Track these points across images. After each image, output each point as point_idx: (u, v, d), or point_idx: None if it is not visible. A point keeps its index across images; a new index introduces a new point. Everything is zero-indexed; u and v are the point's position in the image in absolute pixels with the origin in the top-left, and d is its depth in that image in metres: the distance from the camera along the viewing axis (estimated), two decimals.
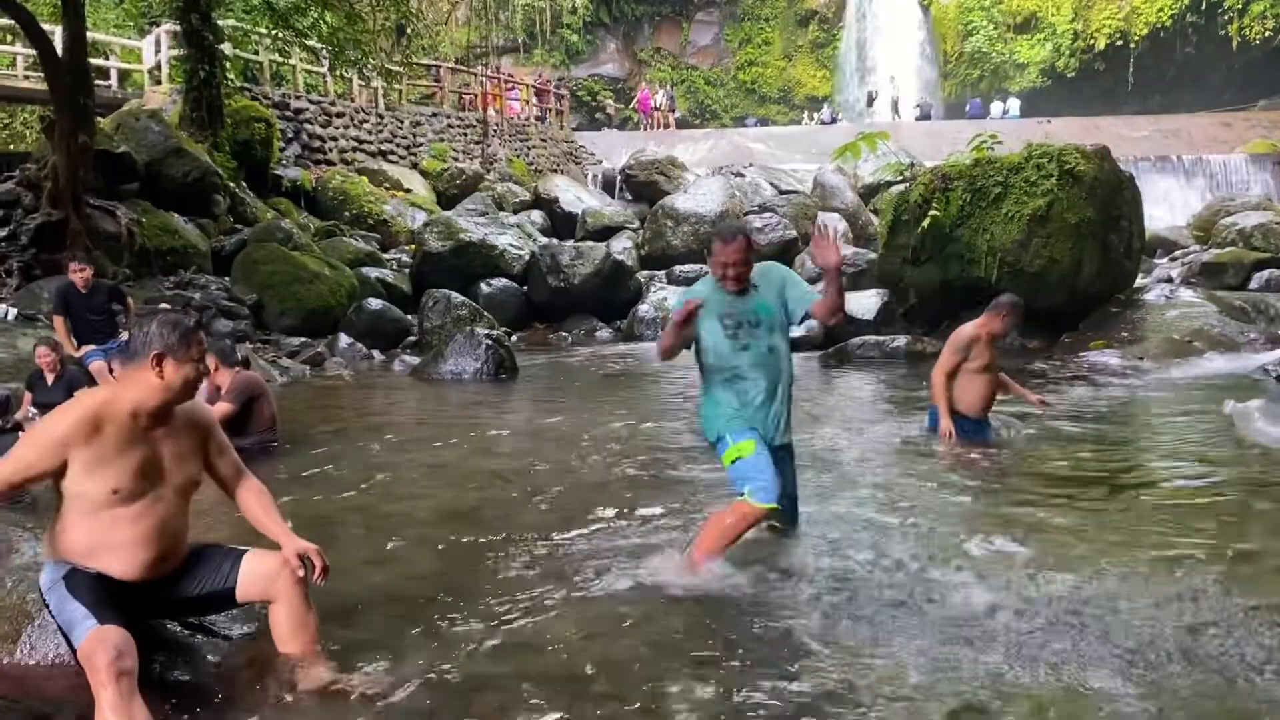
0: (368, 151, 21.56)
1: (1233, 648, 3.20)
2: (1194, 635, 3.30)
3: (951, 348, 6.34)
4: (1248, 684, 2.97)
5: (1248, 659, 3.12)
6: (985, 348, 6.30)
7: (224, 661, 3.31)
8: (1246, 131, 26.43)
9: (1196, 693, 2.92)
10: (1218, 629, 3.35)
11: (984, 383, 6.36)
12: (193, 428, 3.23)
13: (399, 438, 7.50)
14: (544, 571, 4.12)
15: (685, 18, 40.72)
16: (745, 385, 4.08)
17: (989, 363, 6.33)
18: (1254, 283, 14.42)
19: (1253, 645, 3.21)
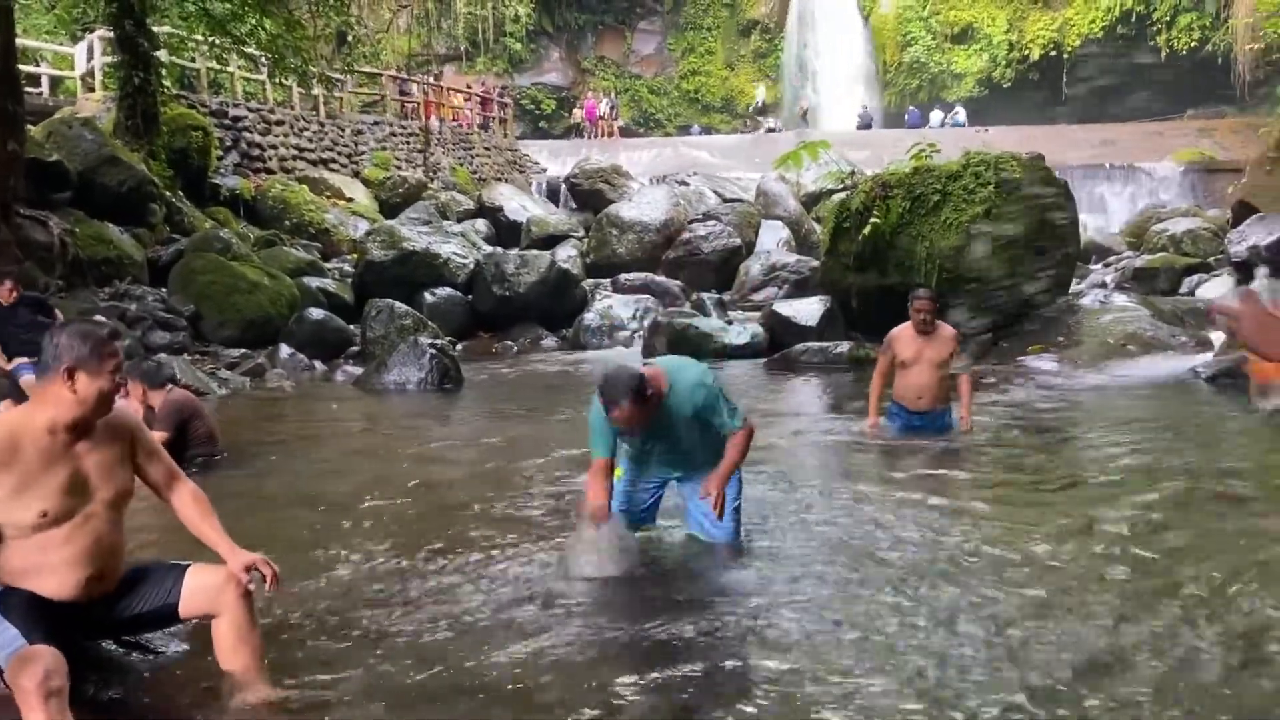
0: (308, 160, 21.31)
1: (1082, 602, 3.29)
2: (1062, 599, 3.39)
3: (881, 348, 6.85)
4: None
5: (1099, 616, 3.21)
6: (910, 344, 6.62)
7: (161, 679, 3.24)
8: (1175, 140, 27.16)
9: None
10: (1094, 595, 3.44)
11: (915, 377, 6.67)
12: (116, 436, 3.10)
13: (341, 450, 7.42)
14: (486, 582, 4.10)
15: (628, 27, 40.86)
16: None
17: (915, 358, 6.62)
18: (1184, 287, 14.83)
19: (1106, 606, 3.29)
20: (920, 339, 6.62)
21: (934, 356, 6.62)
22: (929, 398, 6.73)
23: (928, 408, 6.75)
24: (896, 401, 6.89)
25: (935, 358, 6.62)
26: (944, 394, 6.76)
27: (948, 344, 6.63)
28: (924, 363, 6.63)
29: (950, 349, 6.63)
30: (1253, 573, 3.86)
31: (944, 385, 6.73)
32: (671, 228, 19.09)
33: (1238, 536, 4.48)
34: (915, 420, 6.80)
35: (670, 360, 4.46)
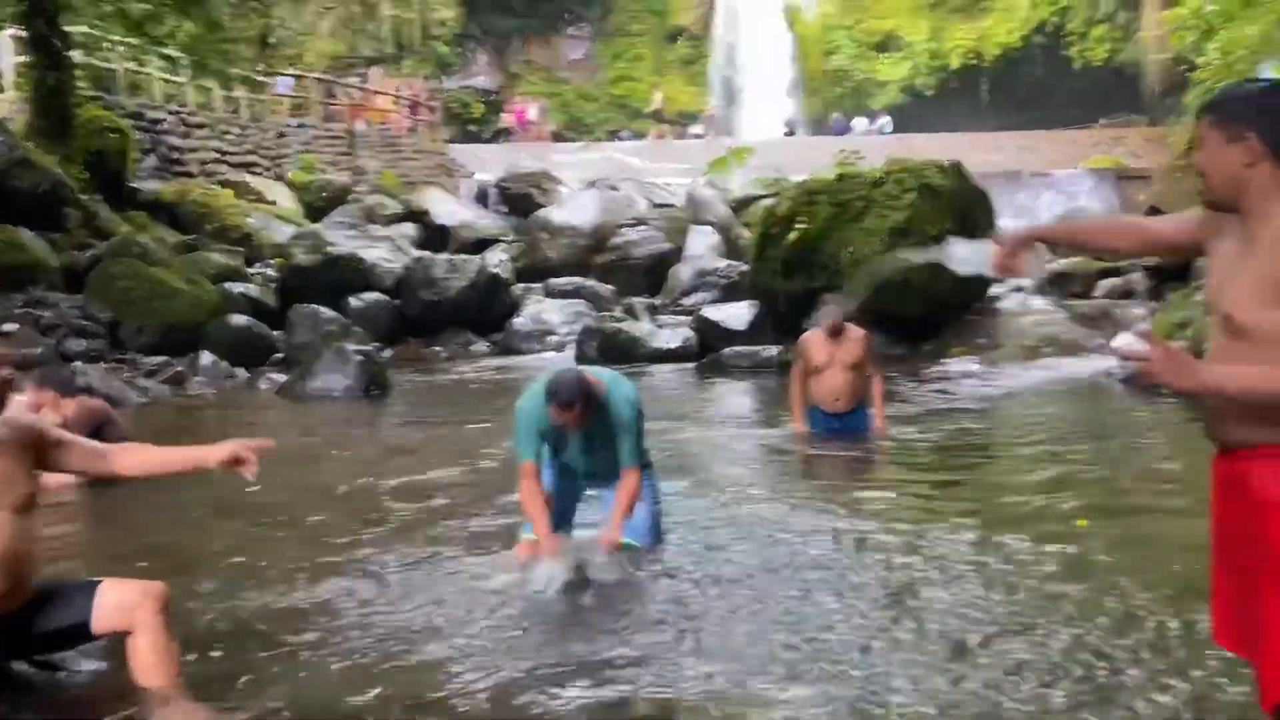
0: (230, 163, 20.87)
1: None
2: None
3: (795, 354, 7.12)
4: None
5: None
6: (820, 348, 6.80)
7: (75, 699, 3.16)
8: (1090, 148, 27.95)
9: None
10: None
11: (828, 380, 6.83)
12: (14, 440, 2.98)
13: (263, 459, 7.28)
14: (416, 595, 4.05)
15: (557, 32, 40.78)
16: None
17: (827, 362, 6.79)
18: (1099, 290, 15.26)
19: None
20: (830, 343, 6.78)
21: (845, 359, 6.78)
22: (844, 399, 6.87)
23: (844, 409, 6.89)
24: (815, 405, 7.02)
25: (846, 360, 6.78)
26: (860, 395, 6.90)
27: (857, 345, 6.79)
28: (835, 365, 6.80)
29: (861, 349, 6.79)
30: (1168, 580, 3.97)
31: (859, 386, 6.88)
32: (602, 232, 19.12)
33: (1149, 540, 4.63)
34: (833, 423, 6.94)
35: (606, 371, 4.48)
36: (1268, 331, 1.98)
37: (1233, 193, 2.09)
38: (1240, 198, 2.08)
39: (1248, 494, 2.08)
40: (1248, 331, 2.02)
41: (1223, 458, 2.17)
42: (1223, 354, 2.09)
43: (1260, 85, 2.16)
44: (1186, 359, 2.00)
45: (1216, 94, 2.26)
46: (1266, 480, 2.04)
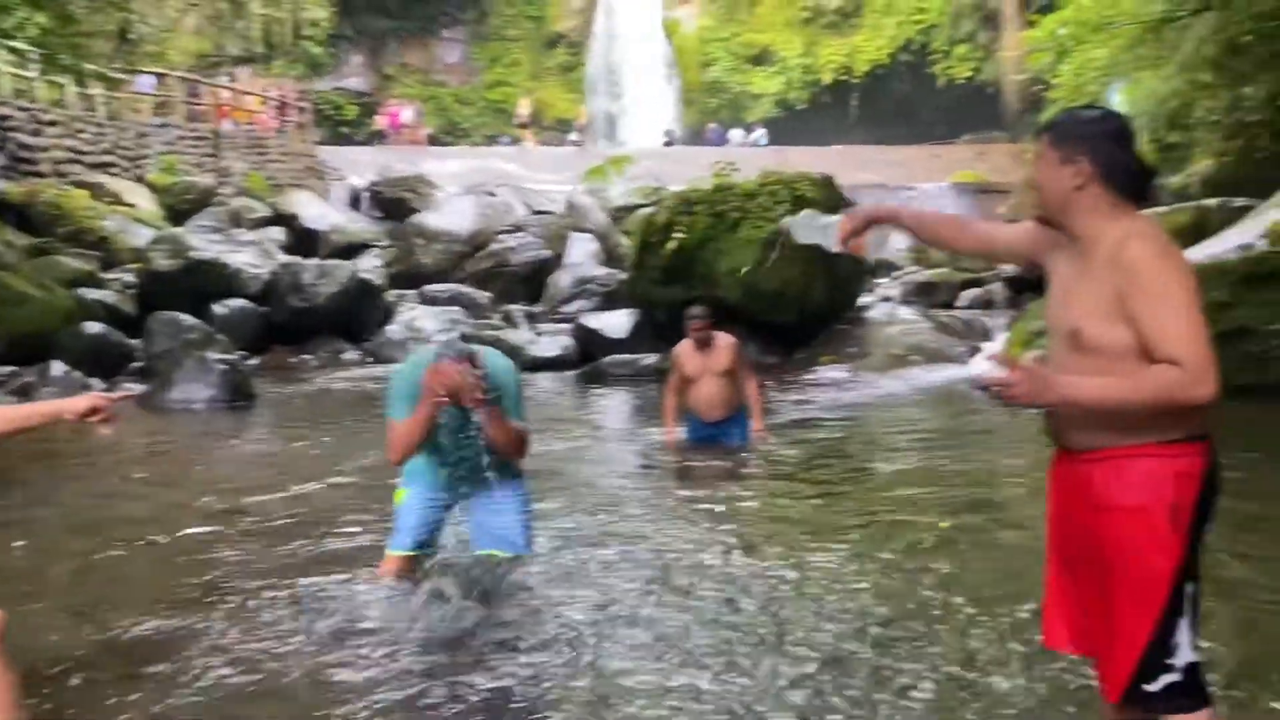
0: (86, 164, 19.88)
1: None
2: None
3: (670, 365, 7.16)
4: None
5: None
6: (691, 359, 6.87)
7: None
8: (954, 163, 29.06)
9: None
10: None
11: (701, 390, 6.90)
12: None
13: (120, 474, 6.96)
14: (273, 613, 3.92)
15: (432, 35, 40.25)
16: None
17: (699, 372, 6.86)
18: (962, 300, 15.87)
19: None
20: (700, 354, 6.85)
21: (716, 367, 6.85)
22: (719, 408, 6.94)
23: (719, 418, 6.96)
24: (693, 415, 7.09)
25: (717, 368, 6.85)
26: (734, 403, 6.97)
27: (727, 353, 6.85)
28: (707, 375, 6.87)
29: (731, 357, 6.86)
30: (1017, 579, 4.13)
31: (733, 394, 6.95)
32: (479, 238, 18.95)
33: (1005, 542, 4.82)
34: (711, 431, 7.01)
35: (480, 346, 4.33)
36: (1110, 346, 2.12)
37: (1063, 210, 2.24)
38: (1071, 216, 2.23)
39: (1090, 497, 2.20)
40: (1094, 347, 2.14)
41: (1064, 460, 2.30)
42: (1066, 364, 2.21)
43: (1096, 112, 2.30)
44: (1042, 375, 2.11)
45: (1056, 116, 2.41)
46: (1110, 483, 2.16)
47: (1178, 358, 2.02)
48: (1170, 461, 2.12)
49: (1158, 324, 2.05)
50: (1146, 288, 2.06)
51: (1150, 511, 2.12)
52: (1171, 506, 2.11)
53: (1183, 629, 2.14)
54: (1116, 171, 2.18)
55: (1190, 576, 2.15)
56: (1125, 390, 2.07)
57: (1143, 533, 2.12)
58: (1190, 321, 2.05)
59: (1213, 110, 13.88)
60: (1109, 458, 2.16)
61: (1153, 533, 2.12)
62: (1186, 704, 2.15)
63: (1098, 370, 2.12)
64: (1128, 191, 2.20)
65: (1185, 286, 2.07)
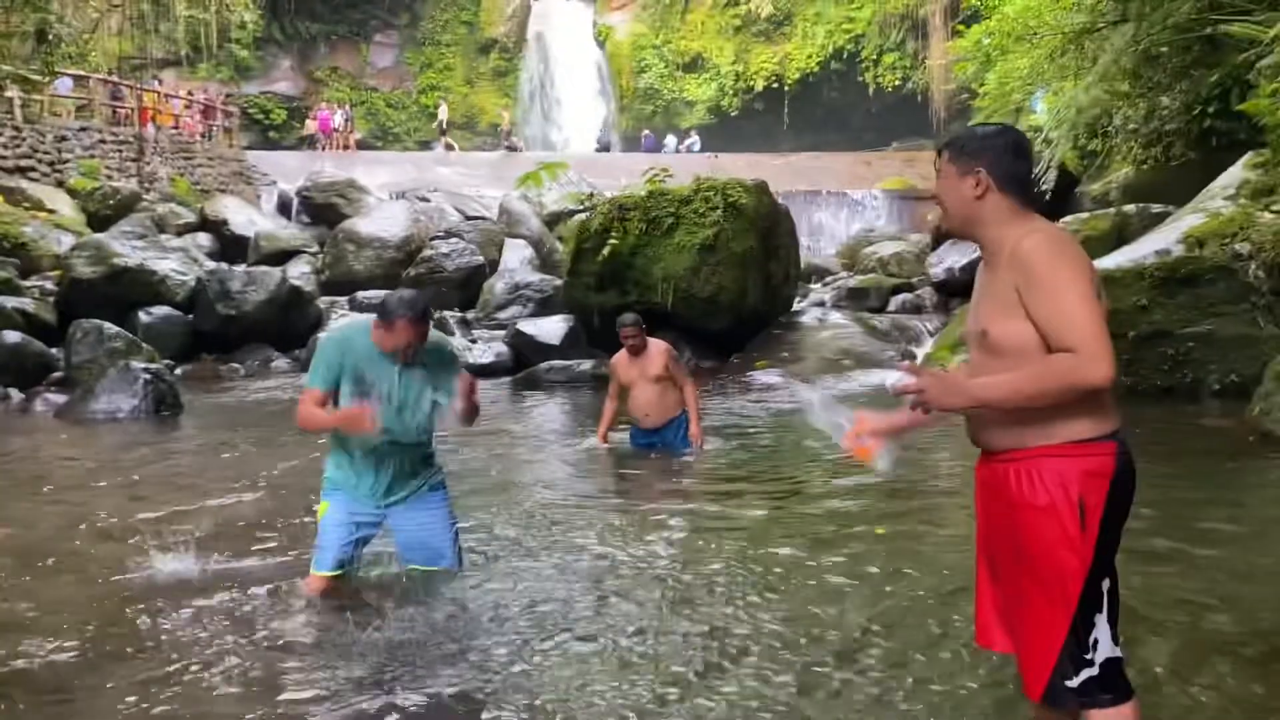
0: (4, 168, 19.30)
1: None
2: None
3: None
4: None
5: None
6: (626, 368, 6.99)
7: None
8: (884, 170, 29.54)
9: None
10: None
11: (637, 397, 7.02)
12: None
13: (38, 488, 6.75)
14: (195, 632, 3.81)
15: (363, 39, 39.80)
16: (368, 450, 3.95)
17: (634, 380, 6.97)
18: (892, 305, 16.12)
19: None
20: (634, 361, 6.95)
21: (650, 373, 6.93)
22: (655, 414, 7.03)
23: (656, 424, 7.05)
24: (633, 422, 7.15)
25: (651, 374, 6.92)
26: (670, 408, 7.04)
27: (659, 359, 6.93)
28: (642, 382, 6.96)
29: (663, 363, 6.93)
30: (950, 581, 4.21)
31: (669, 400, 7.02)
32: (412, 244, 18.75)
33: (936, 543, 4.90)
34: (650, 438, 7.11)
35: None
36: (1014, 344, 2.19)
37: (967, 222, 2.33)
38: (975, 227, 2.31)
39: (1006, 496, 2.26)
40: (1000, 347, 2.22)
41: (984, 462, 2.37)
42: (977, 367, 2.30)
43: (991, 128, 2.40)
44: (953, 380, 2.21)
45: (954, 133, 2.53)
46: (1022, 483, 2.23)
47: (1072, 344, 2.09)
48: (1079, 461, 2.18)
49: (1052, 314, 2.12)
50: (1039, 280, 2.14)
51: (1058, 510, 2.18)
52: (1079, 505, 2.17)
53: (1100, 625, 2.20)
54: (1014, 180, 2.28)
55: (1106, 574, 2.21)
56: (1026, 382, 2.13)
57: (1052, 530, 2.18)
58: (1082, 308, 2.11)
59: (1131, 119, 14.27)
60: (1021, 458, 2.22)
61: (1062, 531, 2.17)
62: (1107, 699, 2.21)
63: (1007, 369, 2.18)
64: (1026, 199, 2.29)
65: (1077, 277, 2.14)
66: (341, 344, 3.88)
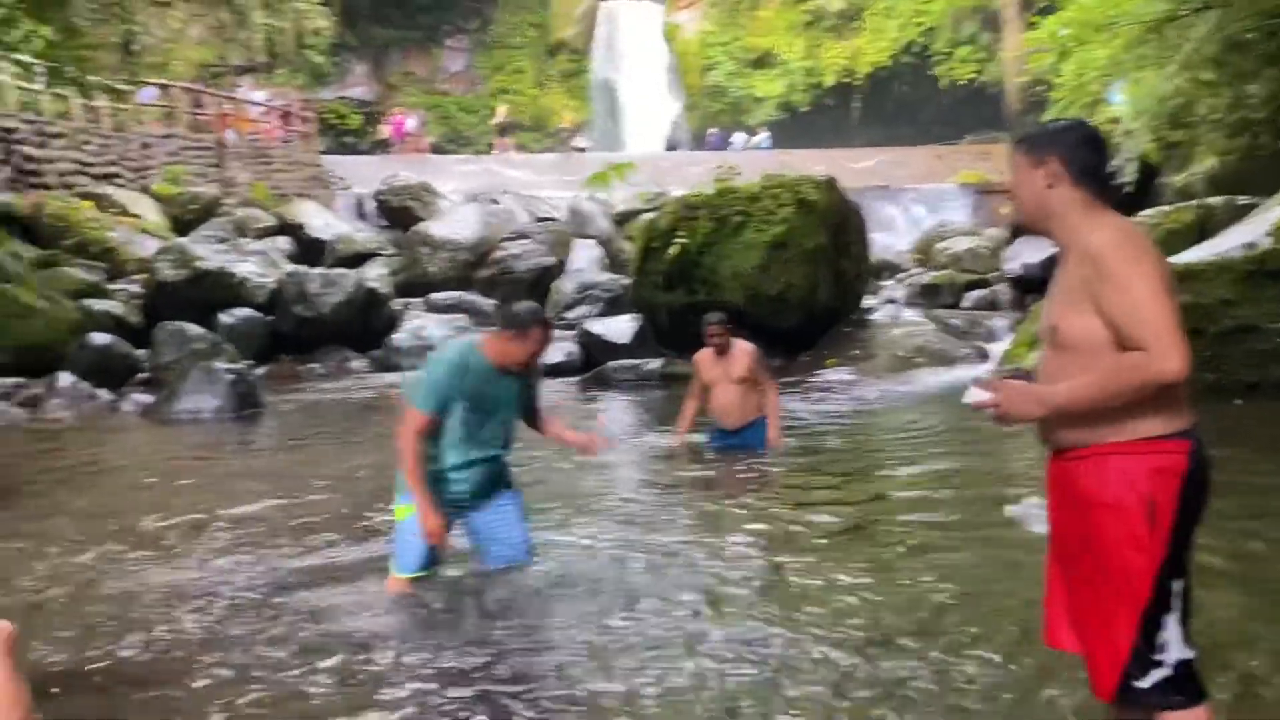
0: (92, 175, 19.97)
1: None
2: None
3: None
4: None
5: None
6: (710, 366, 6.88)
7: None
8: (956, 164, 29.03)
9: None
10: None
11: (720, 397, 6.93)
12: None
13: (127, 485, 6.99)
14: (280, 626, 3.92)
15: (435, 43, 40.35)
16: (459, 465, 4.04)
17: (717, 379, 6.89)
18: (966, 302, 15.86)
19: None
20: (719, 360, 6.88)
21: (733, 374, 6.86)
22: (736, 415, 6.95)
23: (737, 425, 6.97)
24: (713, 421, 7.11)
25: (735, 375, 6.86)
26: (751, 409, 6.96)
27: (744, 359, 6.86)
28: (725, 382, 6.89)
29: (748, 363, 6.86)
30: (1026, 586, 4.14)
31: (751, 401, 6.95)
32: (484, 246, 18.98)
33: (1011, 544, 4.82)
34: (730, 438, 7.03)
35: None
36: (1085, 340, 2.17)
37: (1040, 215, 2.31)
38: (1048, 220, 2.30)
39: (1074, 494, 2.24)
40: (1071, 343, 2.20)
41: (1054, 460, 2.33)
42: (1048, 364, 2.28)
43: (1063, 122, 2.44)
44: (1027, 389, 2.20)
45: (1027, 129, 2.50)
46: (1090, 480, 2.20)
47: (1143, 340, 2.06)
48: (1148, 458, 2.14)
49: (1122, 309, 2.09)
50: (1109, 275, 2.11)
51: (1126, 508, 2.14)
52: (1148, 503, 2.13)
53: (1170, 626, 2.15)
54: (1086, 173, 2.26)
55: (1177, 574, 2.16)
56: (1099, 383, 2.12)
57: (1120, 529, 2.15)
58: (1153, 303, 2.07)
59: (1215, 108, 13.85)
60: (1089, 455, 2.20)
61: (1129, 529, 2.14)
62: (1179, 701, 2.17)
63: (1079, 367, 2.16)
64: (1100, 192, 2.27)
65: (1148, 271, 2.10)
66: (459, 368, 3.90)
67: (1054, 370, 2.23)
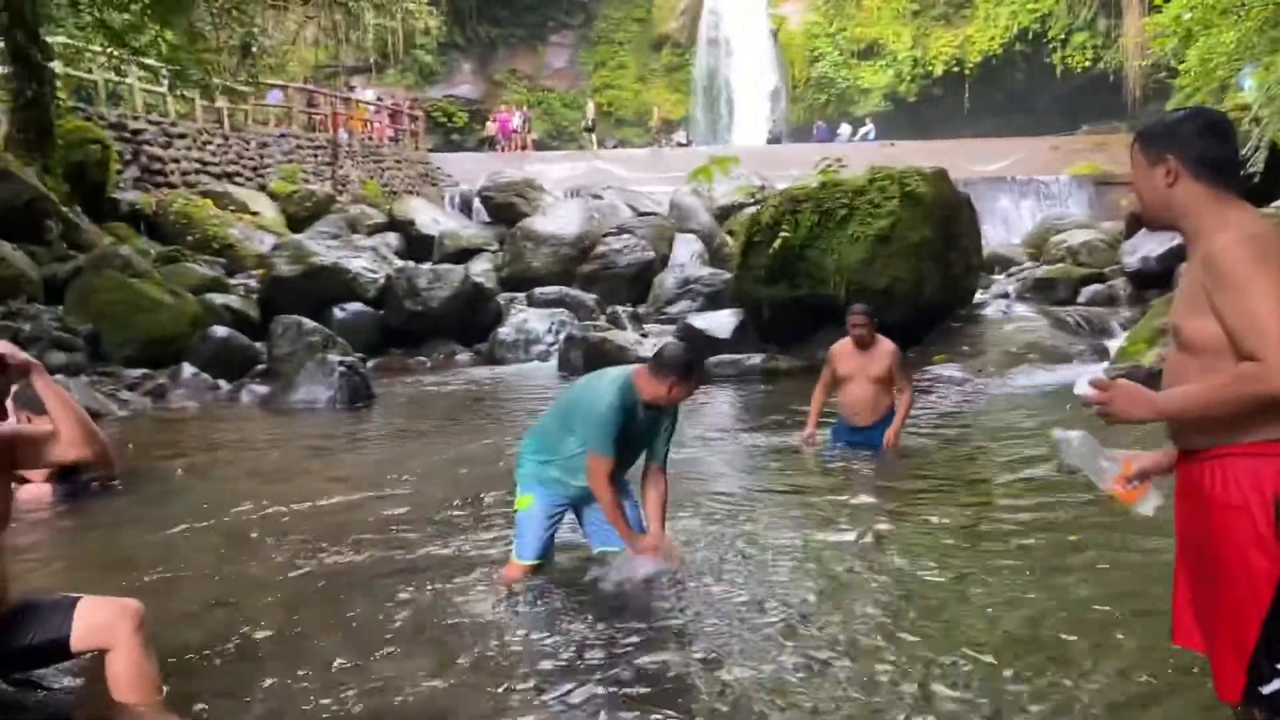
0: (212, 174, 20.81)
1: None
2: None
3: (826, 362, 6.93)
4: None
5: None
6: (848, 359, 6.70)
7: (56, 717, 3.12)
8: (1072, 155, 28.12)
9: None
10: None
11: (852, 392, 6.75)
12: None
13: (246, 472, 7.24)
14: (394, 607, 4.02)
15: (540, 40, 40.82)
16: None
17: (853, 374, 6.71)
18: (1081, 297, 15.33)
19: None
20: (858, 354, 6.67)
21: (872, 371, 6.66)
22: (866, 413, 6.75)
23: (866, 423, 6.75)
24: (840, 416, 6.95)
25: (872, 373, 6.66)
26: (883, 408, 6.75)
27: (884, 359, 6.64)
28: (860, 378, 6.68)
29: (887, 364, 6.64)
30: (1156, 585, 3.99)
31: (883, 400, 6.73)
32: (586, 241, 19.12)
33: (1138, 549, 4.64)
34: (855, 436, 6.82)
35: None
36: (1205, 343, 2.11)
37: (1162, 210, 2.24)
38: (1173, 217, 2.23)
39: (1199, 495, 2.18)
40: (1192, 345, 2.15)
41: (1182, 460, 2.28)
42: (1171, 362, 2.24)
43: (1181, 112, 2.31)
44: (1137, 391, 2.14)
45: (1144, 123, 2.41)
46: (1215, 481, 2.14)
47: (1258, 352, 1.98)
48: (1276, 460, 2.07)
49: (1238, 319, 2.02)
50: (1227, 283, 2.03)
51: (1251, 509, 2.08)
52: (1275, 505, 2.05)
53: None
54: (1208, 165, 2.17)
55: None
56: (1211, 393, 2.07)
57: (1244, 530, 2.08)
58: (1270, 313, 1.98)
59: None
60: (1215, 456, 2.15)
61: (1253, 531, 2.07)
62: None
63: (1200, 368, 2.11)
64: (1225, 183, 2.17)
65: (1267, 281, 2.00)
66: (626, 411, 4.05)
67: (1175, 369, 2.19)
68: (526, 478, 4.24)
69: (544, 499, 4.21)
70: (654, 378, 4.02)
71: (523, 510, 4.23)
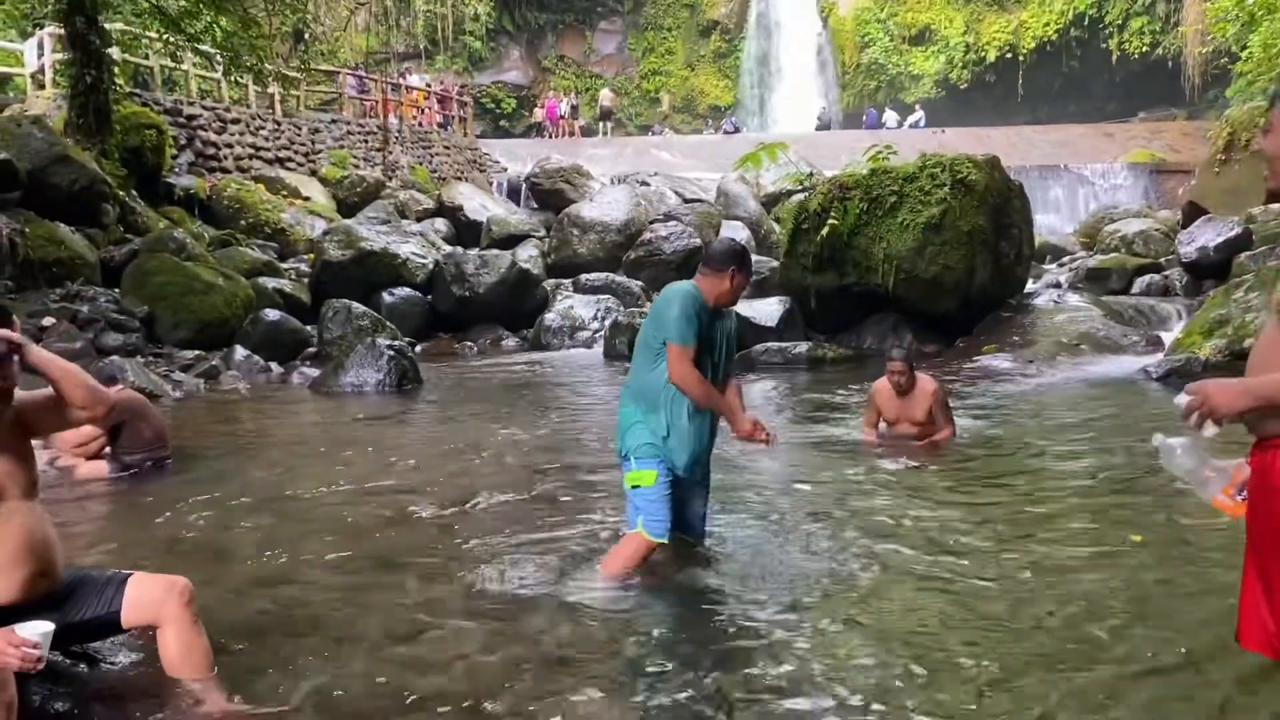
0: (264, 159, 21.09)
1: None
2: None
3: (866, 401, 7.09)
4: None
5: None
6: (890, 403, 6.81)
7: (110, 690, 3.18)
8: (1127, 142, 27.59)
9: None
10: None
11: (895, 433, 6.83)
12: (19, 425, 2.99)
13: (296, 453, 7.34)
14: (442, 588, 4.07)
15: (589, 26, 40.81)
16: (693, 416, 4.01)
17: (897, 418, 6.83)
18: (1136, 287, 15.05)
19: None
20: (899, 401, 6.76)
21: (915, 416, 6.75)
22: None
23: None
24: None
25: (916, 417, 6.75)
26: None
27: (925, 401, 6.72)
28: (903, 423, 6.81)
29: (929, 405, 6.71)
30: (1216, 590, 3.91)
31: (926, 434, 6.77)
32: (633, 228, 19.12)
33: (1197, 545, 4.56)
34: None
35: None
36: None
37: None
38: None
39: (1269, 481, 2.14)
40: None
41: (1255, 448, 2.21)
42: (1267, 338, 2.16)
43: None
44: (1226, 383, 2.04)
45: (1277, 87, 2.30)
46: None
47: None
48: None
49: None
50: None
51: None
52: None
53: None
54: None
55: None
56: None
57: None
58: None
59: None
60: None
61: None
62: None
63: None
64: None
65: None
66: (697, 301, 3.95)
67: (1266, 347, 2.11)
68: (645, 449, 3.99)
69: (666, 472, 4.01)
70: (714, 276, 4.00)
71: (645, 486, 3.98)
